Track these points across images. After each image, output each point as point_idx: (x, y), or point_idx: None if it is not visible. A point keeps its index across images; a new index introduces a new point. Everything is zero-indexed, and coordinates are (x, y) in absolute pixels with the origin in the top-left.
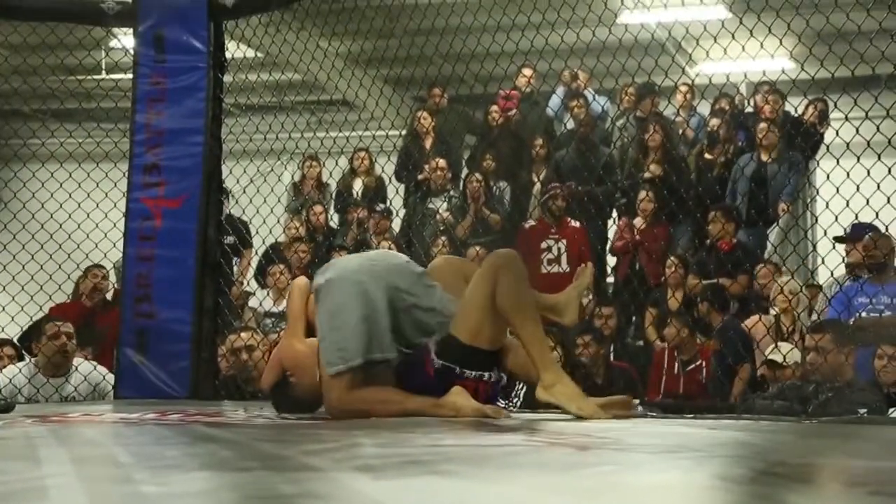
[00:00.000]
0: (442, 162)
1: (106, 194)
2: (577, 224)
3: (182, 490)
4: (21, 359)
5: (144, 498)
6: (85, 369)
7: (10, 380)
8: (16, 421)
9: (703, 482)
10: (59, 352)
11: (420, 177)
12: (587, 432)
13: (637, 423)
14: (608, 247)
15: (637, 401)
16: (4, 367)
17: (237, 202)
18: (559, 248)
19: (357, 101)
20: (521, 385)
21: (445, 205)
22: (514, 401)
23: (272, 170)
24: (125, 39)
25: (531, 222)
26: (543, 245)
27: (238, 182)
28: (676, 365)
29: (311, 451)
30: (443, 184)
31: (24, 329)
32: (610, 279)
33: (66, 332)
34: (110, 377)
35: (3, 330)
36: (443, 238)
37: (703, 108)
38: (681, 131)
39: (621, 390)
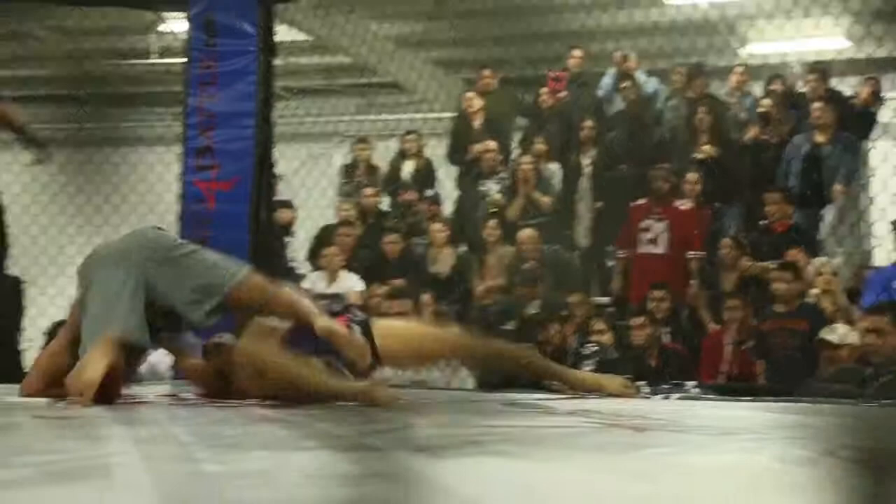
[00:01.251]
0: (492, 143)
1: (160, 177)
2: (687, 206)
3: (244, 469)
4: None
5: (207, 477)
6: None
7: None
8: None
9: (764, 463)
10: None
11: (470, 158)
12: (644, 414)
13: (694, 405)
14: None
15: (693, 383)
16: None
17: (289, 185)
18: (659, 229)
19: (408, 84)
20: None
21: (497, 186)
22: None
23: (324, 153)
24: (174, 23)
25: (640, 201)
26: (643, 225)
27: (290, 165)
28: (731, 347)
29: (367, 431)
30: (494, 166)
31: None
32: None
33: None
34: (168, 359)
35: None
36: (493, 220)
37: (756, 89)
38: (734, 112)
39: (674, 373)
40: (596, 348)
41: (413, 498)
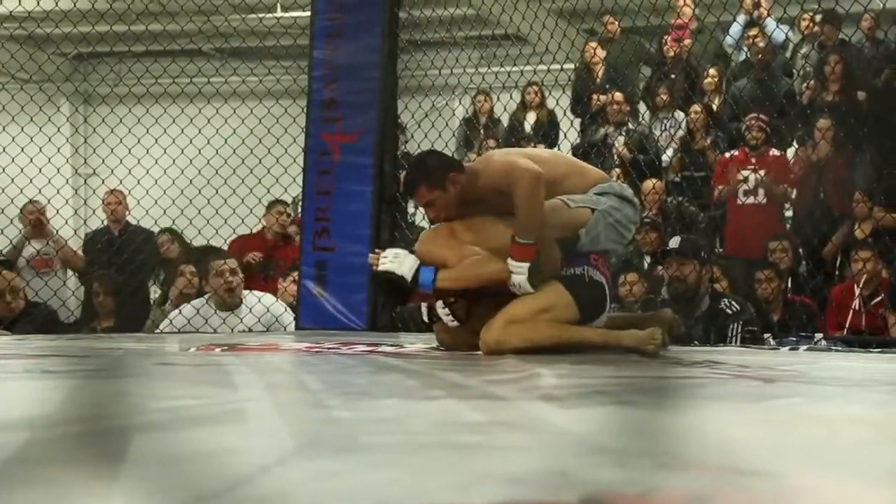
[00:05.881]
0: (618, 95)
1: (286, 130)
2: (778, 153)
3: (374, 416)
4: None
5: (338, 422)
6: (258, 311)
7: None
8: (207, 347)
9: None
10: (226, 289)
11: (594, 109)
12: (772, 366)
13: (823, 356)
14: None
15: (820, 335)
16: None
17: (412, 137)
18: (756, 179)
19: (530, 36)
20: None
21: (622, 138)
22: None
23: (447, 103)
24: None
25: (733, 152)
26: (740, 176)
27: (413, 117)
28: (858, 300)
29: (493, 380)
30: (619, 117)
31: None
32: (788, 213)
33: (231, 269)
34: (284, 317)
35: None
36: (617, 171)
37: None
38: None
39: (802, 326)
40: (738, 308)
41: (537, 444)
